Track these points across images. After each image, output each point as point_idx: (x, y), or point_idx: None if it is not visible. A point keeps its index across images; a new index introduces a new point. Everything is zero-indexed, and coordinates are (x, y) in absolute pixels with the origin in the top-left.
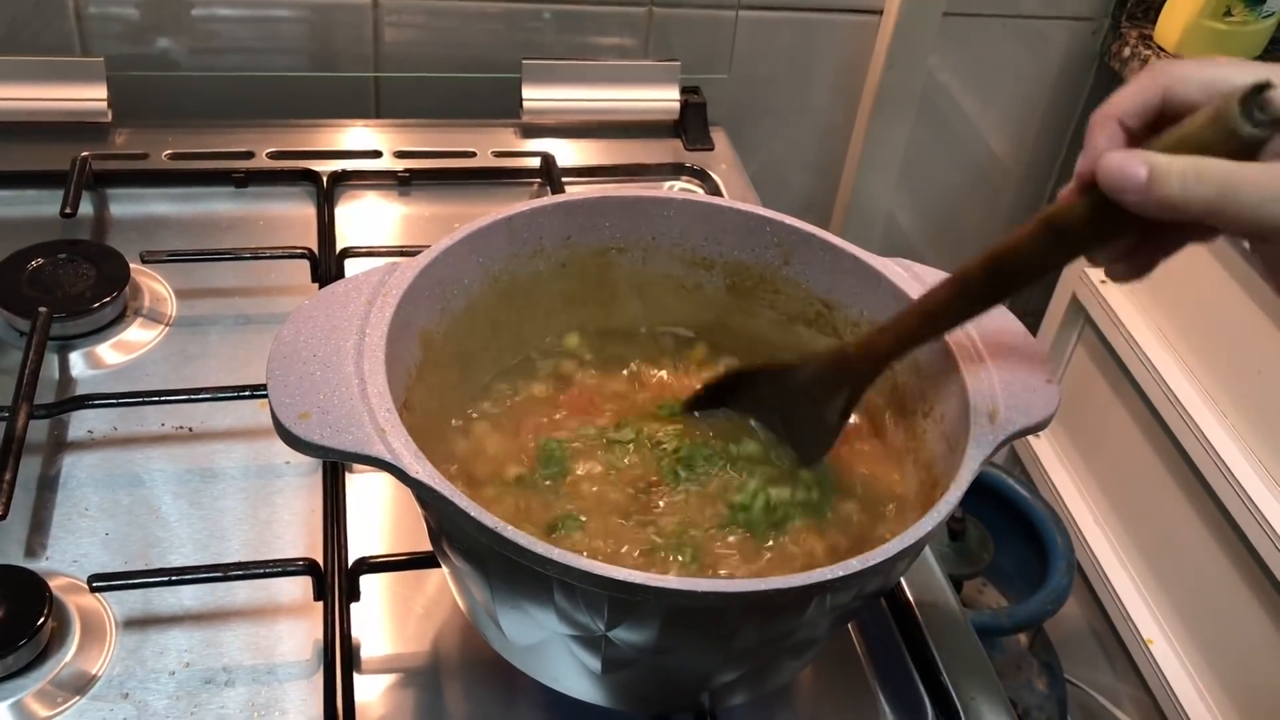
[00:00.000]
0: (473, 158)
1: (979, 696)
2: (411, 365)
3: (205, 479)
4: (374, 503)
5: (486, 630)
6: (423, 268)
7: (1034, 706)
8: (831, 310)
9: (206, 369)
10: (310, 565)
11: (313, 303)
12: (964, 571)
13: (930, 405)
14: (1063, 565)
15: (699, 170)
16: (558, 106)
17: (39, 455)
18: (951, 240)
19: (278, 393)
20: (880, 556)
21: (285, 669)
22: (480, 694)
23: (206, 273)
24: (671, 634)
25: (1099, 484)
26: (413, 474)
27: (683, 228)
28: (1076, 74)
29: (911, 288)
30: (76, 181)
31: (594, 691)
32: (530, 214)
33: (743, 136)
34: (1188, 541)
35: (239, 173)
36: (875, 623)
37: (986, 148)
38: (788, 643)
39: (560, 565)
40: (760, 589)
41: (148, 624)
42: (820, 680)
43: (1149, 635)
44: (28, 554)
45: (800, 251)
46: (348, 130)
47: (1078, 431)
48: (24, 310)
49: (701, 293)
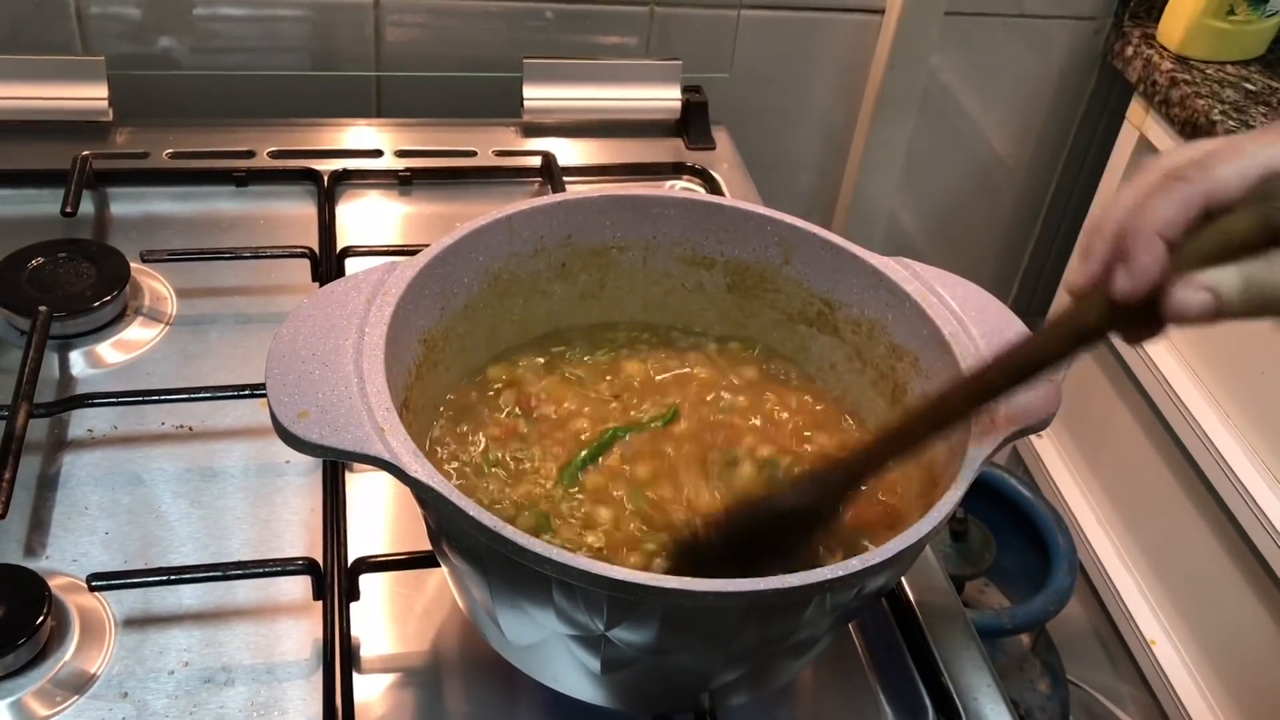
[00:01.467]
0: (474, 157)
1: (981, 698)
2: (411, 364)
3: (205, 478)
4: (375, 502)
5: (486, 630)
6: (422, 267)
7: (1036, 708)
8: (832, 309)
9: (207, 368)
10: (310, 565)
11: (312, 302)
12: (966, 572)
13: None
14: (1065, 566)
15: (700, 169)
16: (559, 106)
17: (39, 454)
18: (954, 241)
19: (276, 392)
20: (880, 556)
21: (285, 668)
22: (480, 694)
23: (207, 272)
24: (671, 634)
25: (1101, 484)
26: (411, 473)
27: (683, 227)
28: (1079, 73)
29: (912, 287)
30: (77, 180)
31: (594, 691)
32: (530, 213)
33: (744, 136)
34: (1191, 542)
35: (240, 172)
36: (876, 623)
37: (988, 147)
38: (788, 643)
39: (558, 564)
40: (760, 589)
41: (147, 623)
42: (821, 680)
43: (1152, 636)
44: (27, 553)
45: (801, 250)
46: (349, 129)
47: (1080, 431)
48: (24, 309)
49: (702, 292)
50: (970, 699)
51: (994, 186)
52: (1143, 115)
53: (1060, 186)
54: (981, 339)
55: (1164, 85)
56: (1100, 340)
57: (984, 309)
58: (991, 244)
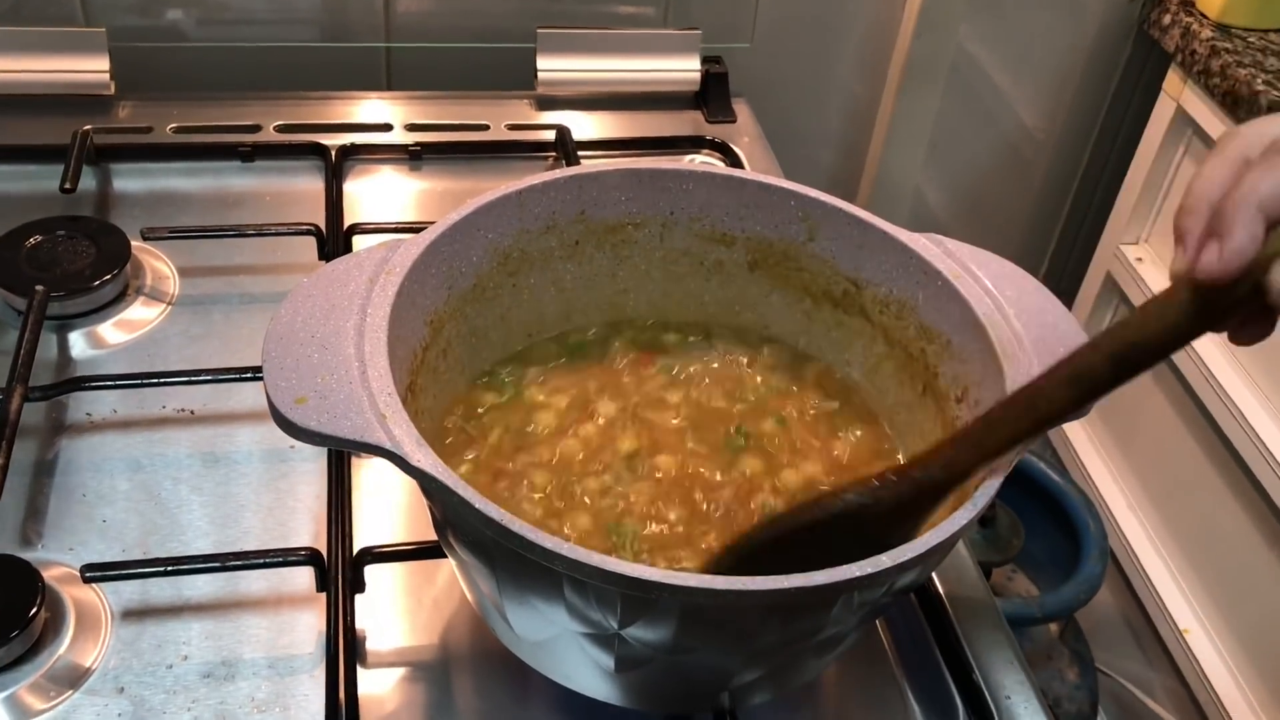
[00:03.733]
0: (486, 131)
1: (1014, 696)
2: (417, 348)
3: (207, 464)
4: (384, 490)
5: (495, 625)
6: (428, 244)
7: (1064, 697)
8: (859, 288)
9: (209, 350)
10: (313, 555)
11: (312, 281)
12: (993, 559)
13: (964, 389)
14: (1095, 552)
15: (720, 143)
16: (574, 77)
17: (35, 439)
18: (982, 218)
19: (273, 375)
20: (912, 552)
21: (287, 662)
22: (491, 690)
23: (210, 250)
24: (689, 633)
25: (1133, 468)
26: (414, 462)
27: (702, 202)
28: (1113, 43)
29: (944, 265)
30: (77, 156)
31: (608, 690)
32: (541, 188)
33: (765, 109)
34: (1227, 528)
35: (245, 147)
36: (903, 616)
37: (1018, 121)
38: (813, 641)
39: (569, 560)
40: (784, 587)
41: (145, 615)
42: (845, 677)
43: (1185, 625)
44: (22, 542)
45: (826, 226)
46: (358, 103)
47: (1111, 414)
48: (21, 289)
49: (722, 271)
50: (1003, 697)
51: (1023, 162)
52: (1180, 86)
53: (1092, 162)
54: (1018, 319)
55: (1203, 55)
56: (1195, 335)
57: (1021, 288)
58: (1020, 222)
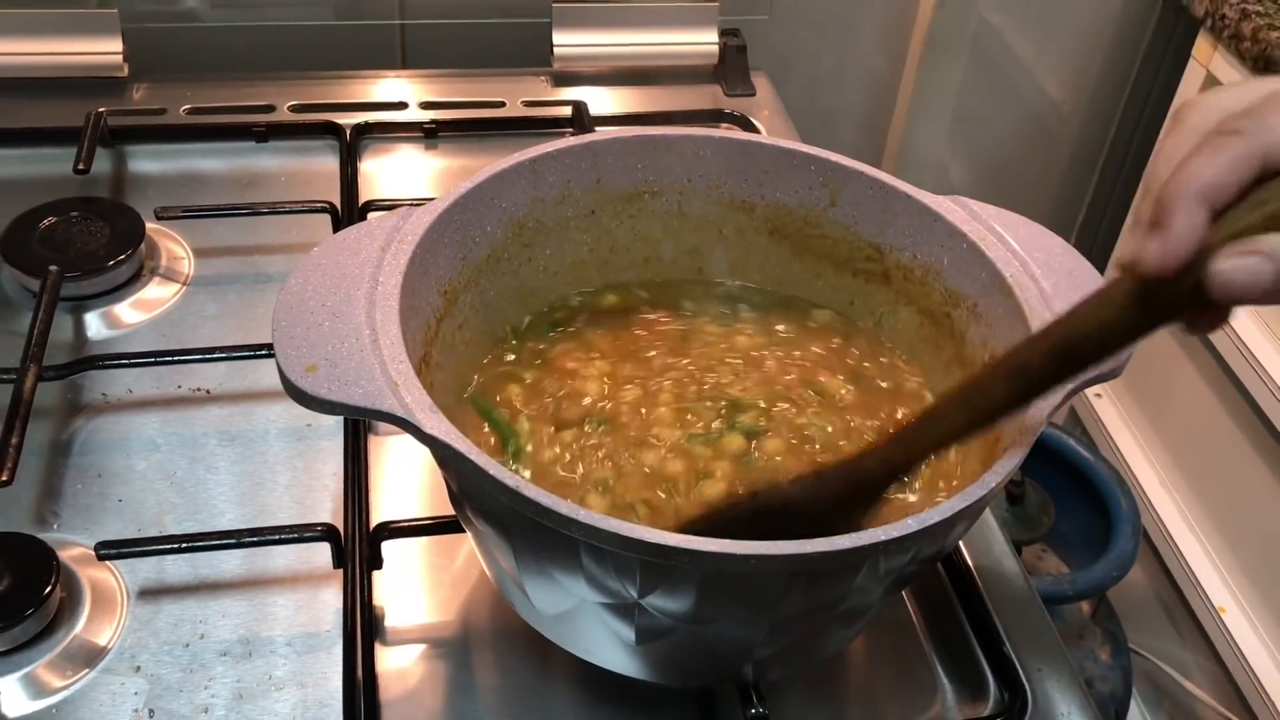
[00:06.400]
0: (502, 108)
1: (1045, 669)
2: (431, 318)
3: (224, 443)
4: (403, 465)
5: (514, 599)
6: (440, 212)
7: (1097, 677)
8: (883, 254)
9: (225, 329)
10: (329, 531)
11: (322, 249)
12: (1023, 537)
13: (992, 353)
14: (1128, 530)
15: (739, 116)
16: (590, 52)
17: (51, 419)
18: (1008, 192)
19: (283, 345)
20: (938, 516)
21: (305, 640)
22: (511, 666)
23: (224, 230)
24: (711, 601)
25: (1165, 444)
26: (427, 429)
27: (720, 168)
28: (1140, 9)
29: (970, 227)
30: (91, 137)
31: (629, 663)
32: (555, 155)
33: (785, 83)
34: (1262, 502)
35: (260, 127)
36: (932, 588)
37: (1043, 92)
38: (837, 610)
39: (586, 527)
40: (808, 551)
41: (161, 594)
42: (873, 650)
43: (1220, 603)
44: (37, 522)
45: (848, 191)
46: (373, 82)
47: (1141, 388)
48: (35, 269)
49: (741, 239)
50: (1034, 670)
51: (1049, 134)
52: (1210, 52)
53: (1120, 133)
54: (1046, 281)
55: (1234, 19)
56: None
57: (1049, 250)
58: (1046, 196)
